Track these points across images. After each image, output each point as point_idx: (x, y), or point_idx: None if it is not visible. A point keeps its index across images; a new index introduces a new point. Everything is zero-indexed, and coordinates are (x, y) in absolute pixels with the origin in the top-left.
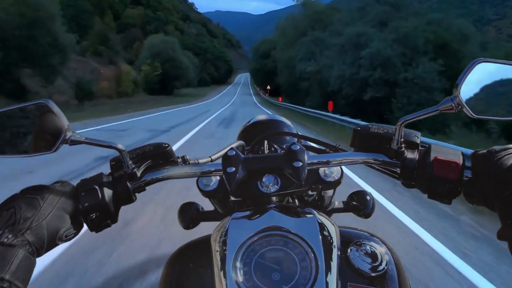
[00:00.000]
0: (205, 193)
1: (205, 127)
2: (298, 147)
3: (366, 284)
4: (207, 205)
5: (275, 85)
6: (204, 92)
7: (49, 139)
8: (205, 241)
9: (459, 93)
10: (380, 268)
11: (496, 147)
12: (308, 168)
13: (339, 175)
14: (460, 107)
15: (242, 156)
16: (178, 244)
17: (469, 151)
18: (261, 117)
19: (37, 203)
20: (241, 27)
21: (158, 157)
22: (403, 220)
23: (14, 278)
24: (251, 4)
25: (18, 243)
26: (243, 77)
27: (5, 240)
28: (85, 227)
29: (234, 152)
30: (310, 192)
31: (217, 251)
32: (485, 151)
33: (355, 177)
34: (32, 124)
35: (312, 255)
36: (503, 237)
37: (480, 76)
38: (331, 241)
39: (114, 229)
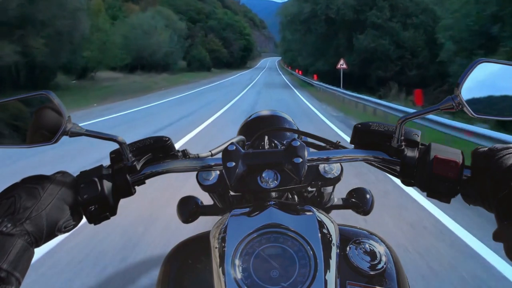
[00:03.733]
0: (205, 187)
1: None
2: (299, 143)
3: (365, 282)
4: (206, 199)
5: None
6: (169, 83)
7: (49, 130)
8: (204, 238)
9: (460, 93)
10: (379, 266)
11: (498, 146)
12: (308, 164)
13: (338, 172)
14: (460, 106)
15: (242, 151)
16: None
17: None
18: (262, 112)
19: (37, 193)
20: (266, 15)
21: (158, 150)
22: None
23: (12, 268)
24: None
25: (17, 233)
26: (268, 61)
27: (4, 229)
28: (84, 219)
29: (234, 147)
30: (309, 189)
31: (216, 247)
32: (486, 149)
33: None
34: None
35: (311, 253)
36: (499, 239)
37: (481, 76)
38: (330, 239)
39: None
